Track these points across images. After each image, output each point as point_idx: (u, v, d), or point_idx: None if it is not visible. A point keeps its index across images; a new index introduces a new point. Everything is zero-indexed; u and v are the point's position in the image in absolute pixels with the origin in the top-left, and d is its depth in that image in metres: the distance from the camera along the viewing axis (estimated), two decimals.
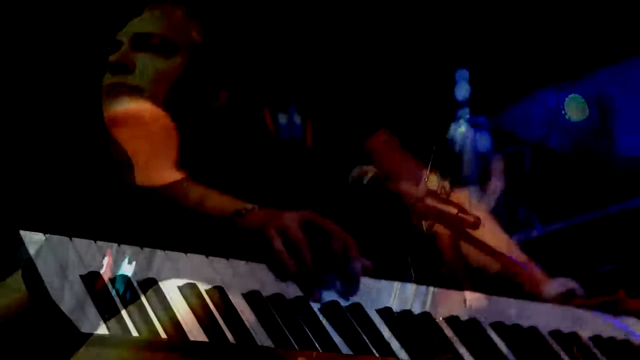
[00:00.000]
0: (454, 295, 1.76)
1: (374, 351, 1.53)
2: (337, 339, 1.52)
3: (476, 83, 4.73)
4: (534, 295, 2.03)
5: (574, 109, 4.19)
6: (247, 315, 1.47)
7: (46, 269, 1.35)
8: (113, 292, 1.38)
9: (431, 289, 1.74)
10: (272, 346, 1.43)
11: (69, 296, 1.34)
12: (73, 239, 1.43)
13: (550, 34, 4.64)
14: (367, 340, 1.54)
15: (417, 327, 1.64)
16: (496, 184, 4.04)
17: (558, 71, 4.78)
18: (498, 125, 4.76)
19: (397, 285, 1.74)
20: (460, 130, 4.50)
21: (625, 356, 1.81)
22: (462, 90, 4.73)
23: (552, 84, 4.84)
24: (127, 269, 1.43)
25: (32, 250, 1.37)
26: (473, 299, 1.79)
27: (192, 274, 1.49)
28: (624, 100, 4.87)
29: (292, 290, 1.57)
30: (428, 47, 4.53)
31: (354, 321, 1.57)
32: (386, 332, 1.60)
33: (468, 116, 4.62)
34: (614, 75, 4.91)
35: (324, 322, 1.55)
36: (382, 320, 1.62)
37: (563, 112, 4.76)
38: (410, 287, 1.73)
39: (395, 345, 1.57)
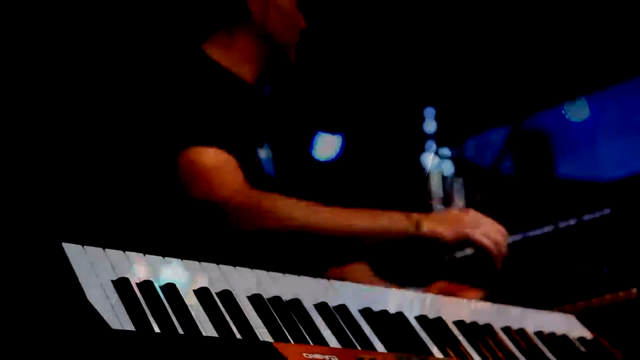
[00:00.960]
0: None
1: (356, 344, 1.52)
2: (325, 333, 1.52)
3: (442, 120, 4.75)
4: None
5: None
6: (250, 314, 1.46)
7: (82, 276, 1.34)
8: (139, 295, 1.37)
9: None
10: (272, 340, 1.42)
11: (102, 298, 1.33)
12: (106, 249, 1.42)
13: (501, 82, 4.66)
14: (350, 335, 1.54)
15: (392, 323, 1.63)
16: (458, 203, 4.03)
17: (509, 112, 4.79)
18: (460, 155, 4.77)
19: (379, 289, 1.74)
20: (428, 158, 4.50)
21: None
22: (430, 126, 4.74)
23: (505, 122, 4.86)
24: (151, 276, 1.43)
25: (72, 260, 1.36)
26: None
27: (205, 279, 1.48)
28: (560, 135, 4.89)
29: (288, 293, 1.56)
30: (401, 89, 4.54)
31: (339, 318, 1.56)
32: (367, 329, 1.59)
33: (435, 147, 4.63)
34: (552, 116, 4.93)
35: (315, 319, 1.54)
36: (363, 318, 1.61)
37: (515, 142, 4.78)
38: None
39: (374, 339, 1.57)
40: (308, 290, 1.60)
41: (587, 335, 1.93)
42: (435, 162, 4.51)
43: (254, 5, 2.18)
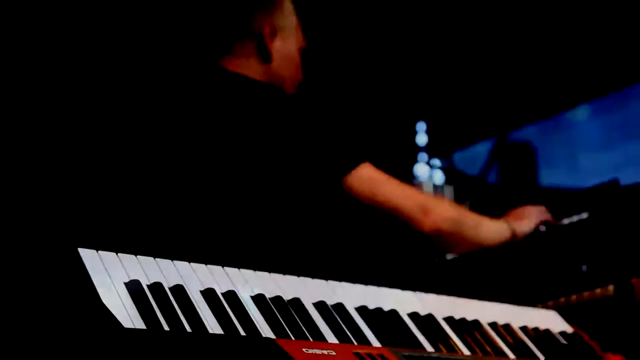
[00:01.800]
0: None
1: (353, 339, 1.51)
2: (324, 329, 1.50)
3: (432, 133, 4.74)
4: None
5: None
6: (254, 313, 1.45)
7: (97, 279, 1.32)
8: (150, 296, 1.35)
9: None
10: (274, 337, 1.40)
11: (115, 299, 1.31)
12: (119, 254, 1.40)
13: (487, 98, 4.65)
14: (347, 331, 1.52)
15: (386, 320, 1.61)
16: None
17: (495, 125, 4.78)
18: (449, 165, 4.75)
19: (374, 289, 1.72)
20: (420, 169, 4.49)
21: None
22: (421, 139, 4.72)
23: (491, 135, 4.85)
24: (161, 278, 1.41)
25: (87, 264, 1.34)
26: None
27: (211, 280, 1.46)
28: (543, 147, 4.88)
29: (289, 293, 1.54)
30: (394, 105, 4.53)
31: (337, 316, 1.55)
32: (363, 326, 1.57)
33: (426, 158, 4.61)
34: (536, 130, 4.92)
35: (314, 316, 1.52)
36: (360, 316, 1.59)
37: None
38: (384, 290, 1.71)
39: (369, 334, 1.55)
40: (307, 290, 1.58)
41: (568, 329, 1.90)
42: (426, 172, 4.50)
43: (274, 53, 2.22)
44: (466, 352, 1.64)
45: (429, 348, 1.59)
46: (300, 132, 2.05)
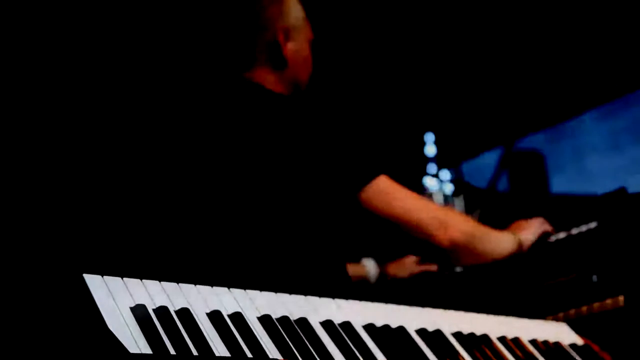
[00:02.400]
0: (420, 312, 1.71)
1: (361, 358, 1.49)
2: (331, 348, 1.48)
3: (441, 144, 4.73)
4: None
5: None
6: (260, 334, 1.43)
7: (102, 304, 1.31)
8: (155, 320, 1.34)
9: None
10: (281, 358, 1.39)
11: (121, 325, 1.30)
12: (124, 278, 1.39)
13: (494, 109, 4.63)
14: (355, 350, 1.50)
15: (394, 337, 1.60)
16: None
17: (503, 135, 4.76)
18: (458, 176, 4.74)
19: (382, 305, 1.70)
20: (430, 180, 4.47)
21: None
22: (430, 150, 4.71)
23: (498, 144, 4.83)
24: (166, 301, 1.40)
25: (92, 290, 1.33)
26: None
27: (217, 302, 1.45)
28: (551, 155, 4.86)
29: (296, 312, 1.53)
30: (403, 117, 4.52)
31: (344, 335, 1.53)
32: (370, 344, 1.55)
33: (435, 169, 4.60)
34: (543, 137, 4.90)
35: (321, 335, 1.51)
36: (368, 334, 1.58)
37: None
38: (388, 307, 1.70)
39: (377, 352, 1.53)
40: (314, 309, 1.57)
41: (579, 341, 1.88)
42: (436, 183, 4.48)
43: (288, 54, 2.20)
44: None
45: None
46: (316, 146, 2.03)
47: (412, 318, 1.68)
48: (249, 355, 1.37)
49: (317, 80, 2.37)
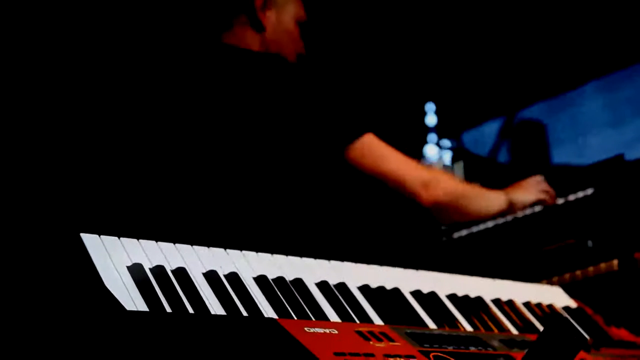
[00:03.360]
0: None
1: (355, 318, 1.50)
2: (326, 309, 1.50)
3: (441, 114, 4.72)
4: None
5: None
6: (256, 293, 1.45)
7: (99, 263, 1.32)
8: (152, 278, 1.35)
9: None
10: (276, 317, 1.40)
11: (118, 283, 1.31)
12: (121, 238, 1.40)
13: (495, 79, 4.62)
14: (349, 310, 1.51)
15: (389, 298, 1.61)
16: None
17: (504, 104, 4.75)
18: (458, 145, 4.74)
19: (377, 268, 1.71)
20: (430, 149, 4.47)
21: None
22: (431, 119, 4.71)
23: (499, 114, 4.82)
24: (163, 261, 1.41)
25: (89, 249, 1.34)
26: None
27: (213, 262, 1.46)
28: (553, 125, 4.85)
29: (292, 273, 1.54)
30: (404, 87, 4.51)
31: (339, 295, 1.54)
32: (365, 304, 1.56)
33: (436, 139, 4.60)
34: (544, 108, 4.89)
35: (317, 296, 1.52)
36: (363, 295, 1.59)
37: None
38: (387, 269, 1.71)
39: (371, 313, 1.54)
40: (310, 270, 1.58)
41: (572, 304, 1.89)
42: (436, 153, 4.48)
43: (267, 23, 2.22)
44: (469, 328, 1.63)
45: (431, 325, 1.59)
46: (301, 102, 2.04)
47: (407, 280, 1.69)
48: (245, 314, 1.39)
49: (315, 47, 2.37)
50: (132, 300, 1.30)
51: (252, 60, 2.12)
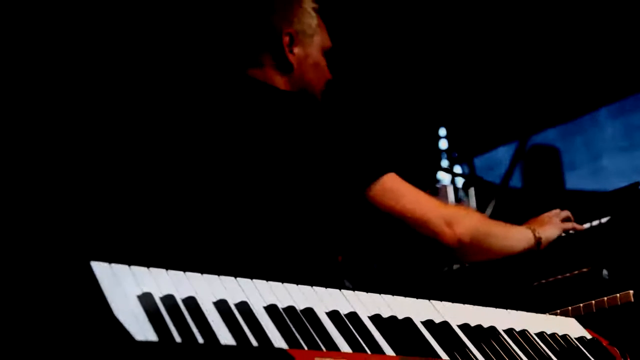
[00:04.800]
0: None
1: (367, 349, 1.50)
2: (337, 339, 1.49)
3: (454, 138, 4.73)
4: None
5: None
6: (266, 323, 1.44)
7: (109, 291, 1.32)
8: (161, 308, 1.36)
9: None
10: (286, 347, 1.40)
11: (127, 312, 1.31)
12: (131, 266, 1.41)
13: (509, 102, 4.63)
14: (360, 340, 1.51)
15: (400, 328, 1.60)
16: None
17: (517, 130, 4.76)
18: (471, 170, 4.74)
19: (388, 297, 1.71)
20: (441, 174, 4.47)
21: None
22: (443, 144, 4.71)
23: (512, 139, 4.83)
24: (173, 290, 1.41)
25: (99, 277, 1.35)
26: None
27: (223, 291, 1.46)
28: (565, 151, 4.85)
29: (302, 303, 1.54)
30: (417, 112, 4.52)
31: (350, 325, 1.54)
32: (377, 334, 1.56)
33: (447, 163, 4.60)
34: (558, 133, 4.89)
35: (327, 326, 1.52)
36: (374, 325, 1.59)
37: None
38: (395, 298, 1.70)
39: (383, 343, 1.54)
40: (321, 299, 1.58)
41: (587, 335, 1.88)
42: (448, 177, 4.48)
43: (295, 61, 2.21)
44: (482, 359, 1.62)
45: (444, 356, 1.58)
46: (324, 141, 2.03)
47: (419, 310, 1.68)
48: (255, 343, 1.38)
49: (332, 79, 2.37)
50: (141, 330, 1.30)
51: (276, 97, 2.11)
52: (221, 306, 1.43)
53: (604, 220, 2.41)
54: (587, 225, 2.46)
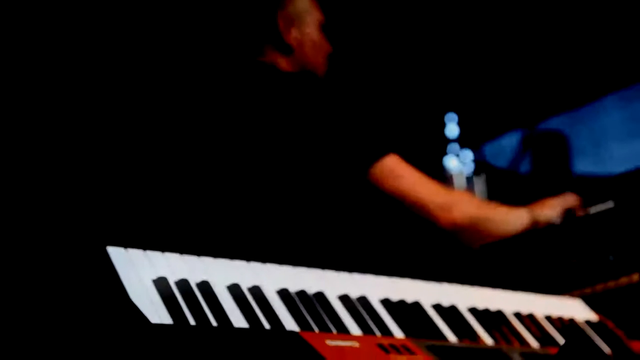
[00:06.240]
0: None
1: (376, 331, 1.52)
2: (347, 322, 1.52)
3: (463, 125, 4.73)
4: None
5: None
6: (278, 306, 1.47)
7: (125, 276, 1.35)
8: (176, 292, 1.38)
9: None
10: (298, 330, 1.42)
11: (143, 296, 1.34)
12: (147, 251, 1.43)
13: (520, 86, 4.62)
14: (370, 323, 1.53)
15: (410, 311, 1.62)
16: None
17: (526, 115, 4.75)
18: (479, 157, 4.74)
19: (397, 280, 1.73)
20: (451, 161, 4.48)
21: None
22: (452, 130, 4.72)
23: (520, 126, 4.82)
24: (187, 274, 1.43)
25: (115, 262, 1.37)
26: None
27: (236, 276, 1.48)
28: (574, 137, 4.84)
29: (313, 286, 1.56)
30: (425, 98, 4.52)
31: (361, 309, 1.56)
32: (387, 318, 1.58)
33: (457, 150, 4.61)
34: (567, 119, 4.88)
35: (338, 309, 1.54)
36: (384, 308, 1.61)
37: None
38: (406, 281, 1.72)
39: (392, 326, 1.56)
40: (331, 283, 1.60)
41: (593, 317, 1.90)
42: (457, 164, 4.49)
43: (294, 42, 2.26)
44: (489, 342, 1.64)
45: (452, 338, 1.60)
46: (328, 122, 2.07)
47: (428, 293, 1.70)
48: (267, 326, 1.41)
49: (336, 60, 2.41)
50: (156, 313, 1.32)
51: (279, 79, 2.16)
52: (234, 290, 1.45)
53: (609, 205, 2.42)
54: (593, 210, 2.47)
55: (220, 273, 1.47)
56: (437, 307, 1.67)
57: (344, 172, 2.04)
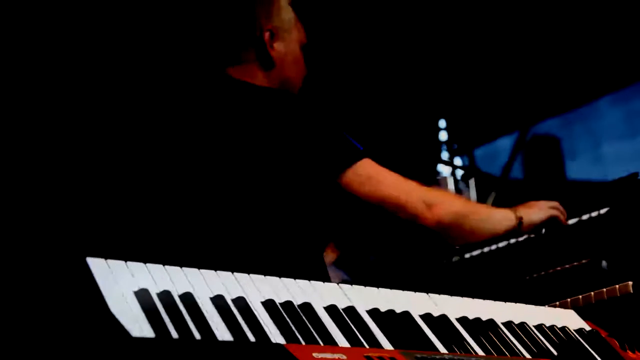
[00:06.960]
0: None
1: (364, 343, 1.50)
2: (335, 333, 1.49)
3: (454, 130, 4.72)
4: None
5: None
6: (264, 318, 1.44)
7: (105, 288, 1.32)
8: (158, 304, 1.35)
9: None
10: (284, 342, 1.39)
11: (124, 308, 1.31)
12: (128, 262, 1.40)
13: (512, 89, 4.62)
14: (358, 334, 1.51)
15: (398, 322, 1.60)
16: None
17: (518, 120, 4.75)
18: (471, 161, 4.73)
19: (386, 291, 1.70)
20: (441, 165, 4.47)
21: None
22: (443, 135, 4.71)
23: (512, 129, 4.82)
24: (170, 286, 1.41)
25: (95, 273, 1.34)
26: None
27: (220, 287, 1.46)
28: (566, 140, 4.84)
29: (300, 297, 1.54)
30: (417, 104, 4.52)
31: (348, 320, 1.53)
32: (375, 329, 1.56)
33: (447, 155, 4.60)
34: (560, 123, 4.88)
35: (325, 320, 1.51)
36: (372, 319, 1.58)
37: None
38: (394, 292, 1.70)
39: (381, 337, 1.53)
40: (319, 294, 1.57)
41: (586, 327, 1.88)
42: (448, 169, 4.48)
43: (277, 57, 2.22)
44: (480, 352, 1.62)
45: (442, 349, 1.58)
46: (299, 132, 2.03)
47: (417, 303, 1.68)
48: (252, 339, 1.38)
49: (323, 68, 2.38)
50: (138, 326, 1.29)
51: (255, 95, 2.12)
52: (218, 301, 1.42)
53: (603, 211, 2.41)
54: (585, 217, 2.45)
55: (204, 284, 1.45)
56: (427, 318, 1.65)
57: (318, 183, 2.00)
